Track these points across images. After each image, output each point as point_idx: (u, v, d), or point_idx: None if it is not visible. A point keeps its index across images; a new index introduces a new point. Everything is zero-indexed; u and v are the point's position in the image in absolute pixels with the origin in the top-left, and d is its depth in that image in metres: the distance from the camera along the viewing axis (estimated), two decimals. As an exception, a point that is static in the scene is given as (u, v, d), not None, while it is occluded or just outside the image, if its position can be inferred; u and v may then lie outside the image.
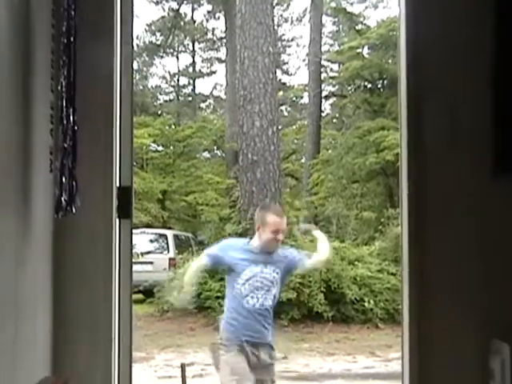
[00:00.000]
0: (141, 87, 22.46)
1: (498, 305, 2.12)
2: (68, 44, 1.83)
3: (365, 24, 18.58)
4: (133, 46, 2.43)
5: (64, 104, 1.83)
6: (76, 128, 1.87)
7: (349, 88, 19.07)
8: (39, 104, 1.95)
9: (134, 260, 2.47)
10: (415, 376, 2.18)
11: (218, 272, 10.54)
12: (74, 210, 2.00)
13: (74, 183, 1.97)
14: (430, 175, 2.20)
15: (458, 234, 2.18)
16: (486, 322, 2.11)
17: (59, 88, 1.85)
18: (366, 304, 9.55)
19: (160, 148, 19.77)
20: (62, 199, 1.95)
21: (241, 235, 10.89)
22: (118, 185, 2.33)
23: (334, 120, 21.70)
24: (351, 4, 20.59)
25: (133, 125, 2.36)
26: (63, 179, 1.93)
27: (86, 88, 2.00)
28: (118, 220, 2.35)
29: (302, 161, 20.67)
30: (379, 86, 17.77)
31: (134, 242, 2.44)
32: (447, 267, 2.17)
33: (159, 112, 22.69)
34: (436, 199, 2.20)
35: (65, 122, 1.83)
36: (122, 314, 2.39)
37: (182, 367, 2.37)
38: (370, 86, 17.89)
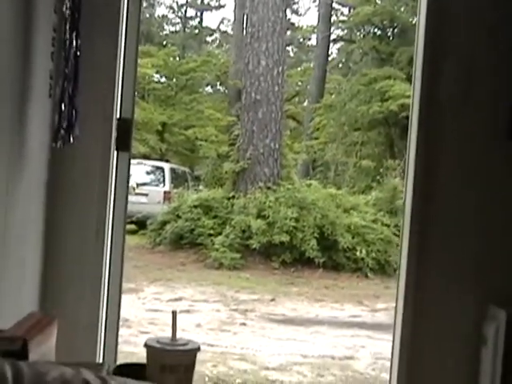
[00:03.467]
0: (147, 15, 21.90)
1: (498, 270, 2.08)
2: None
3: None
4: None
5: (68, 27, 1.70)
6: (79, 53, 1.75)
7: (358, 33, 18.66)
8: (41, 25, 1.83)
9: (131, 192, 2.41)
10: (408, 328, 2.14)
11: (211, 209, 10.57)
12: (72, 139, 1.91)
13: (73, 111, 1.87)
14: (442, 128, 2.11)
15: (465, 193, 2.11)
16: (484, 285, 2.07)
17: (63, 9, 1.72)
18: (358, 253, 9.58)
19: (163, 79, 19.45)
20: (61, 128, 1.85)
21: (238, 174, 10.85)
22: (118, 116, 2.24)
23: (341, 65, 21.32)
24: None
25: (137, 56, 2.25)
26: (63, 106, 1.83)
27: (91, 12, 1.88)
28: (116, 152, 2.27)
29: (305, 104, 20.41)
30: (389, 34, 17.38)
31: (131, 173, 2.38)
32: (450, 224, 2.12)
33: (164, 43, 22.23)
34: (446, 154, 2.12)
35: (67, 46, 1.71)
36: (114, 248, 2.35)
37: (174, 315, 2.32)
38: (379, 33, 17.49)
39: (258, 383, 4.51)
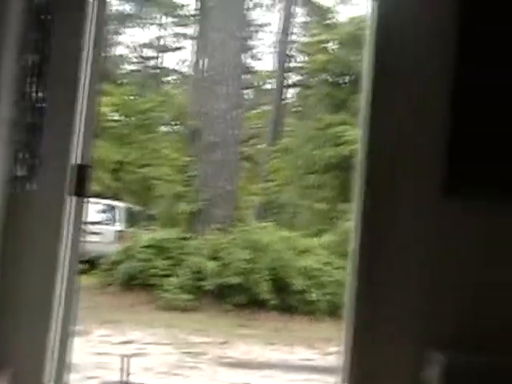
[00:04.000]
0: (106, 55, 21.96)
1: (437, 317, 2.16)
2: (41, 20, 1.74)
3: (334, 19, 18.63)
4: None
5: (30, 78, 1.74)
6: (42, 105, 1.79)
7: (313, 80, 19.10)
8: (4, 74, 1.86)
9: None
10: (352, 372, 2.20)
11: (165, 249, 10.50)
12: (30, 185, 1.93)
13: (33, 158, 1.90)
14: (384, 180, 2.21)
15: (407, 243, 2.20)
16: (424, 331, 2.15)
17: (28, 61, 1.77)
18: (311, 296, 9.63)
19: (120, 118, 19.42)
20: (19, 174, 1.87)
21: (193, 214, 10.84)
22: (76, 162, 2.27)
23: (297, 109, 21.73)
24: (323, -3, 20.55)
25: (98, 104, 2.29)
26: (21, 154, 1.85)
27: (54, 62, 1.92)
28: (73, 197, 2.29)
29: (262, 146, 20.65)
30: (343, 81, 17.85)
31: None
32: (393, 273, 2.20)
33: (122, 81, 22.27)
34: (389, 209, 2.21)
35: (29, 96, 1.75)
36: (67, 292, 2.35)
37: (127, 360, 2.33)
38: (334, 80, 17.95)
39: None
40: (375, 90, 2.16)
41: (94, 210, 13.12)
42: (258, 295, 9.56)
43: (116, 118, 19.21)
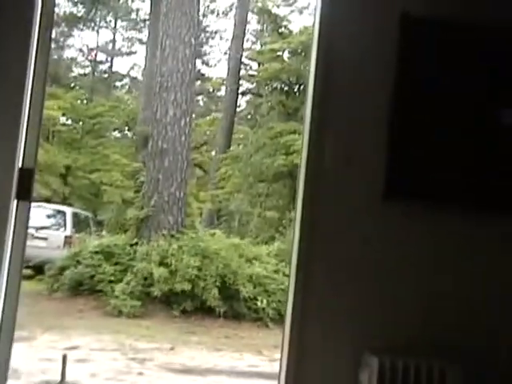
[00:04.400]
0: (55, 57, 21.64)
1: (372, 321, 2.24)
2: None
3: (288, 28, 18.80)
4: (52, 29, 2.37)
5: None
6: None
7: (266, 88, 19.24)
8: None
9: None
10: (291, 377, 2.26)
11: (113, 255, 10.40)
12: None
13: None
14: (325, 187, 2.28)
15: (345, 249, 2.28)
16: (360, 335, 2.23)
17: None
18: (259, 303, 9.69)
19: (69, 122, 19.17)
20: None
21: (142, 220, 10.78)
22: (20, 166, 2.27)
23: (249, 117, 21.84)
24: (277, 6, 20.74)
25: (43, 106, 2.29)
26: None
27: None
28: (16, 201, 2.29)
29: (212, 153, 20.66)
30: (295, 90, 18.05)
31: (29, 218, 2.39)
32: (332, 281, 2.27)
33: (72, 85, 21.97)
34: (328, 213, 2.28)
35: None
36: (7, 296, 2.33)
37: (63, 359, 2.33)
38: (286, 88, 18.12)
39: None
40: (317, 97, 2.24)
41: (41, 214, 12.90)
42: (206, 302, 9.57)
43: (65, 122, 18.96)
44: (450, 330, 2.27)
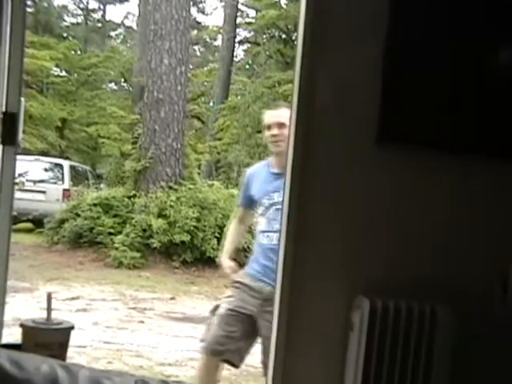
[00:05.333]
0: (45, 4, 21.19)
1: (366, 266, 2.26)
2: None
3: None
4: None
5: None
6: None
7: (263, 36, 18.97)
8: None
9: (20, 188, 2.39)
10: (283, 321, 2.28)
11: (112, 207, 10.43)
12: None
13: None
14: (318, 135, 2.26)
15: (339, 193, 2.27)
16: (354, 280, 2.25)
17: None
18: (257, 252, 9.76)
19: (63, 73, 18.94)
20: None
21: (139, 172, 10.77)
22: (3, 110, 2.24)
23: (246, 67, 21.59)
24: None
25: (24, 48, 2.24)
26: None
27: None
28: (1, 146, 2.26)
29: (210, 104, 20.52)
30: (293, 38, 17.79)
31: (27, 170, 2.37)
32: (325, 225, 2.27)
33: (65, 35, 21.62)
34: (321, 159, 2.27)
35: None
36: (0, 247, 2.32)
37: (48, 296, 2.33)
38: (284, 36, 17.86)
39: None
40: (308, 42, 2.20)
41: (38, 168, 12.90)
42: (205, 253, 9.66)
43: (59, 73, 18.74)
44: (442, 272, 2.28)
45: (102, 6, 23.76)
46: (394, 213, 2.28)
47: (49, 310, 1.20)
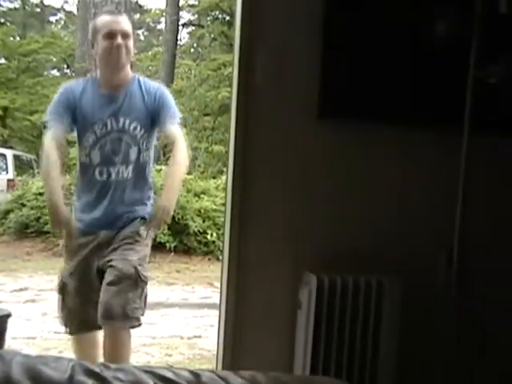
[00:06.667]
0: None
1: (311, 241, 2.27)
2: None
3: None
4: None
5: None
6: None
7: (207, 18, 18.80)
8: None
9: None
10: (231, 302, 2.28)
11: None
12: None
13: None
14: (258, 111, 2.25)
15: (283, 169, 2.28)
16: (299, 256, 2.26)
17: None
18: (209, 236, 9.76)
19: (2, 60, 18.37)
20: None
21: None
22: None
23: (191, 50, 21.37)
24: None
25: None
26: None
27: None
28: None
29: (155, 88, 20.23)
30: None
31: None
32: (270, 202, 2.27)
33: (2, 20, 20.94)
34: (263, 135, 2.26)
35: None
36: None
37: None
38: (228, 18, 17.73)
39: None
40: (246, 14, 2.19)
41: (-20, 158, 12.52)
42: (155, 238, 9.53)
43: (-2, 60, 18.18)
44: (388, 245, 2.32)
45: (40, -10, 23.10)
46: (338, 187, 2.30)
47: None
